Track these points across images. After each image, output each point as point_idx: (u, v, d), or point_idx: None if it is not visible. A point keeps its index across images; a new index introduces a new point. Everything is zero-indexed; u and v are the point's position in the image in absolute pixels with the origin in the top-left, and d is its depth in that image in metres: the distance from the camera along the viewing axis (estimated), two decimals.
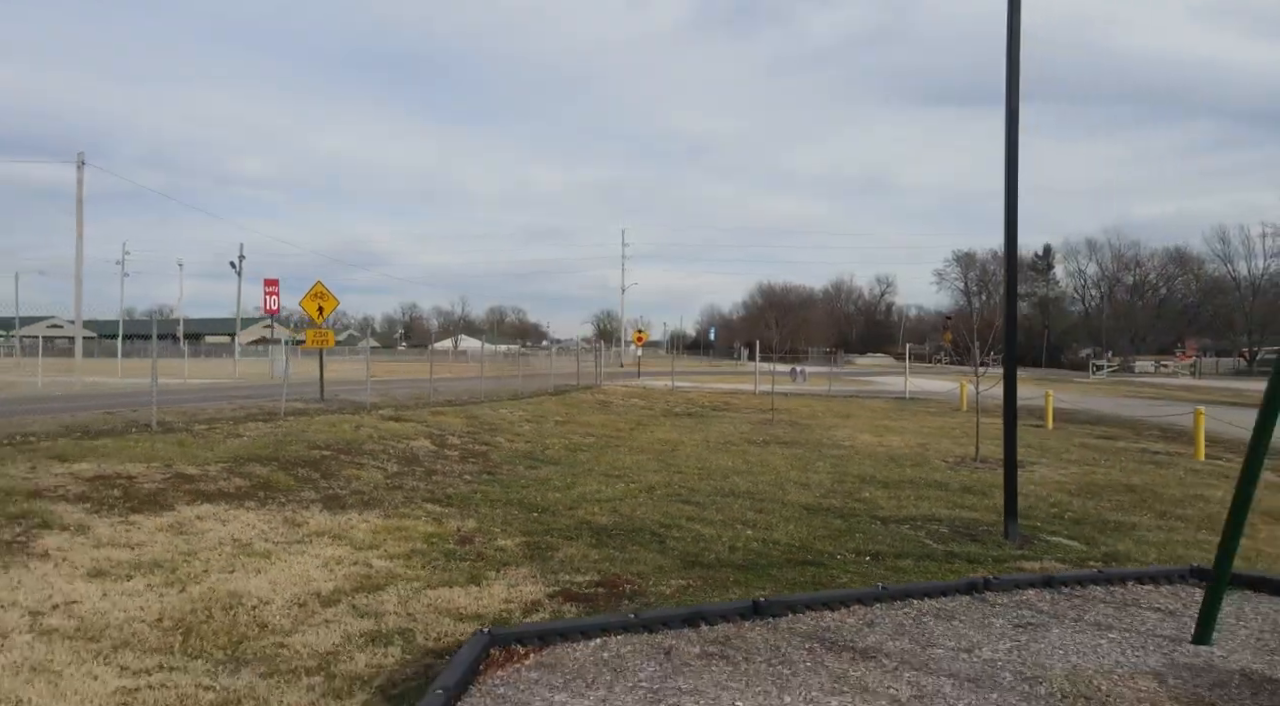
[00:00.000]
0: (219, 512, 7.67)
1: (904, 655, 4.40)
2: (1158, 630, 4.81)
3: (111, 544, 6.45)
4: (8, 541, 6.14)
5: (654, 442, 15.28)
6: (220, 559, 6.38)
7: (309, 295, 17.00)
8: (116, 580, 5.73)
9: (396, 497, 9.12)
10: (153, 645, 4.74)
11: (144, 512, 7.31)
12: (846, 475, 11.60)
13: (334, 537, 7.29)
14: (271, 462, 9.78)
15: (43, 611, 5.07)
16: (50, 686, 4.13)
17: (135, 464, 8.81)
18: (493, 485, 10.23)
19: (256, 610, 5.37)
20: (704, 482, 10.67)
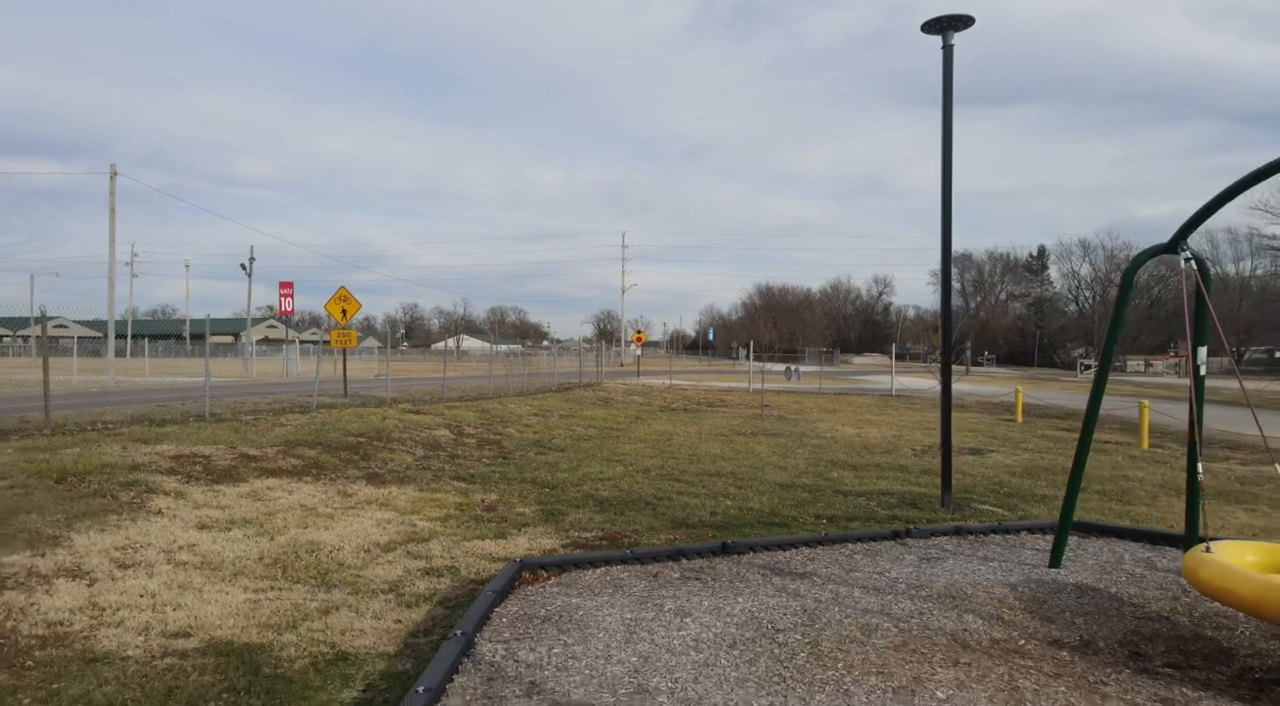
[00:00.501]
0: (283, 485, 9.14)
1: (832, 576, 5.87)
2: (1028, 561, 6.29)
3: (206, 505, 7.92)
4: (127, 502, 7.62)
5: (651, 434, 16.74)
6: (294, 518, 7.86)
7: (333, 299, 18.45)
8: (219, 531, 7.20)
9: (426, 475, 10.60)
10: (260, 574, 6.20)
11: (224, 483, 8.79)
12: (821, 460, 13.08)
13: (380, 505, 8.76)
14: (317, 446, 11.27)
15: (172, 550, 6.54)
16: (196, 596, 5.59)
17: (205, 446, 10.29)
18: (508, 467, 11.71)
19: (332, 553, 6.84)
20: (693, 466, 12.14)
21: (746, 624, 4.86)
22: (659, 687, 3.95)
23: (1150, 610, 5.21)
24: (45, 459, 8.83)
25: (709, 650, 4.44)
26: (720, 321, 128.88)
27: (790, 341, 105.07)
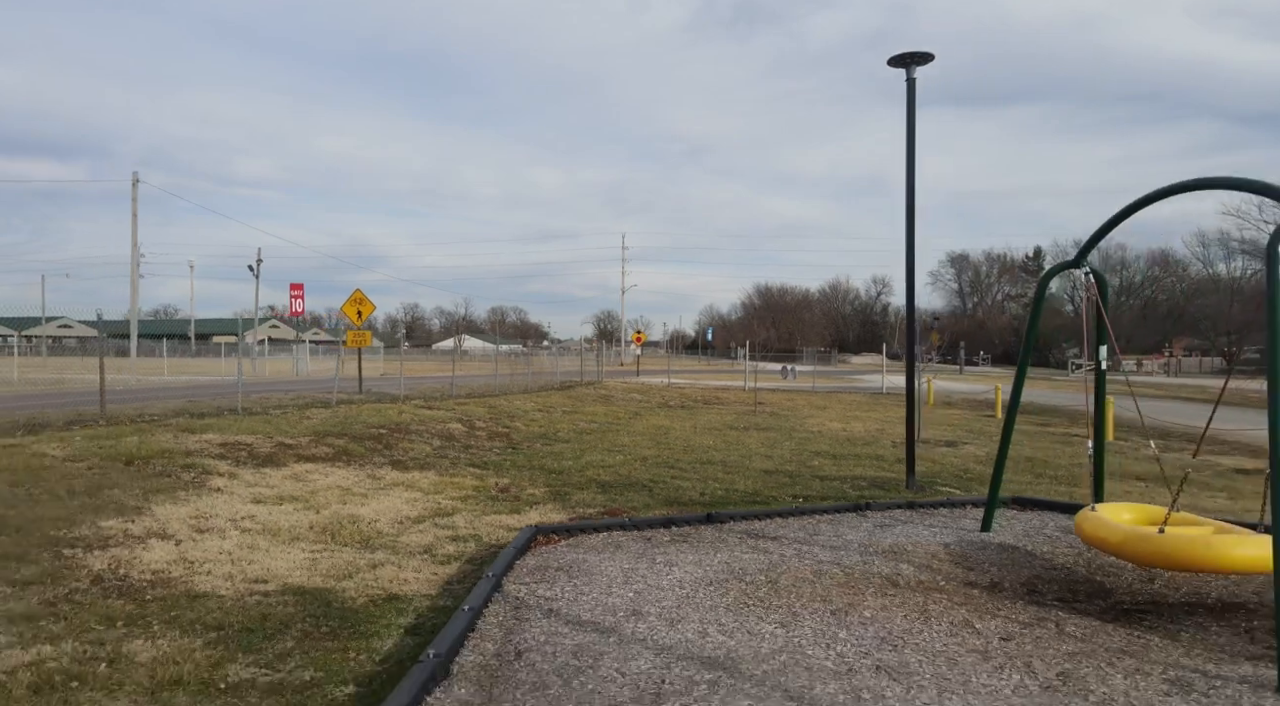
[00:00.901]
0: (319, 469, 10.26)
1: (797, 539, 6.99)
2: (965, 528, 7.40)
3: (256, 485, 9.04)
4: (189, 481, 8.74)
5: (649, 428, 17.85)
6: (334, 496, 8.97)
7: (349, 301, 19.58)
8: (271, 505, 8.31)
9: (444, 462, 11.71)
10: (313, 539, 7.31)
11: (268, 467, 9.90)
12: (805, 451, 14.18)
13: (406, 486, 9.87)
14: (343, 436, 12.38)
15: (236, 519, 7.65)
16: (265, 554, 6.69)
17: (246, 435, 11.41)
18: (517, 456, 12.82)
19: (371, 524, 7.94)
20: (687, 455, 13.25)
21: (721, 570, 5.97)
22: (649, 612, 5.06)
23: (1056, 563, 6.31)
24: (111, 445, 9.95)
25: (690, 588, 5.55)
26: (720, 321, 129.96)
27: (789, 341, 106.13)
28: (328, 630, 5.02)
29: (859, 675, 4.05)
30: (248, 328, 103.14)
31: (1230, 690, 3.91)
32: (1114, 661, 4.30)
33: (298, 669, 4.38)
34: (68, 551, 6.23)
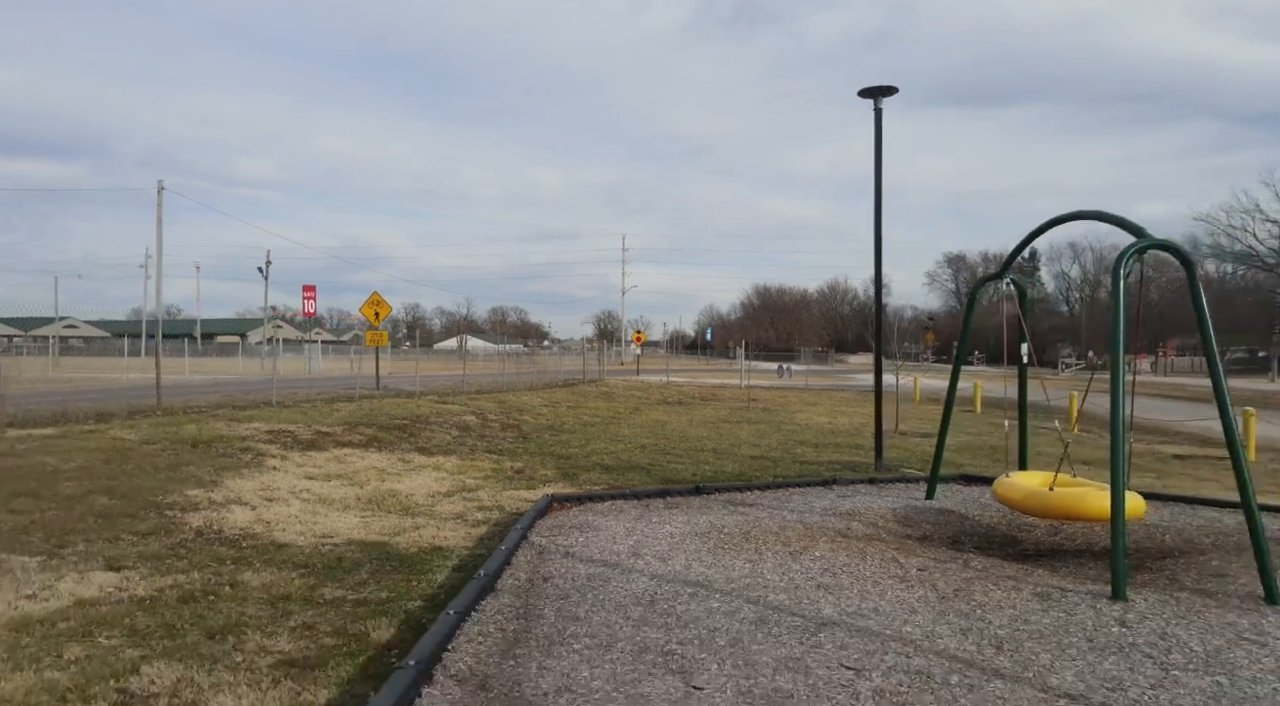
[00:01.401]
0: (355, 453, 11.60)
1: (770, 505, 8.33)
2: (914, 497, 8.74)
3: (305, 465, 10.38)
4: (249, 461, 10.09)
5: (648, 421, 19.19)
6: (373, 475, 10.30)
7: (367, 303, 20.92)
8: (322, 481, 9.65)
9: (464, 449, 13.05)
10: (361, 507, 8.64)
11: (311, 451, 11.25)
12: (790, 440, 15.52)
13: (433, 468, 11.21)
14: (372, 426, 13.72)
15: (296, 491, 8.98)
16: (325, 518, 8.02)
17: (287, 424, 12.75)
18: (528, 444, 14.15)
19: (408, 497, 9.27)
20: (682, 445, 14.58)
21: (705, 526, 7.31)
22: (645, 553, 6.40)
23: (982, 523, 7.65)
24: (175, 431, 11.29)
25: (679, 538, 6.89)
26: (720, 321, 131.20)
27: (788, 341, 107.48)
28: (391, 568, 6.35)
29: (802, 589, 5.39)
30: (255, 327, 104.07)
31: (1075, 597, 5.25)
32: (1000, 583, 5.63)
33: (375, 591, 5.71)
34: (168, 512, 7.57)
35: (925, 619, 4.84)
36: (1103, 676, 3.99)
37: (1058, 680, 3.93)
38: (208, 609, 5.19)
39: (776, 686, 3.84)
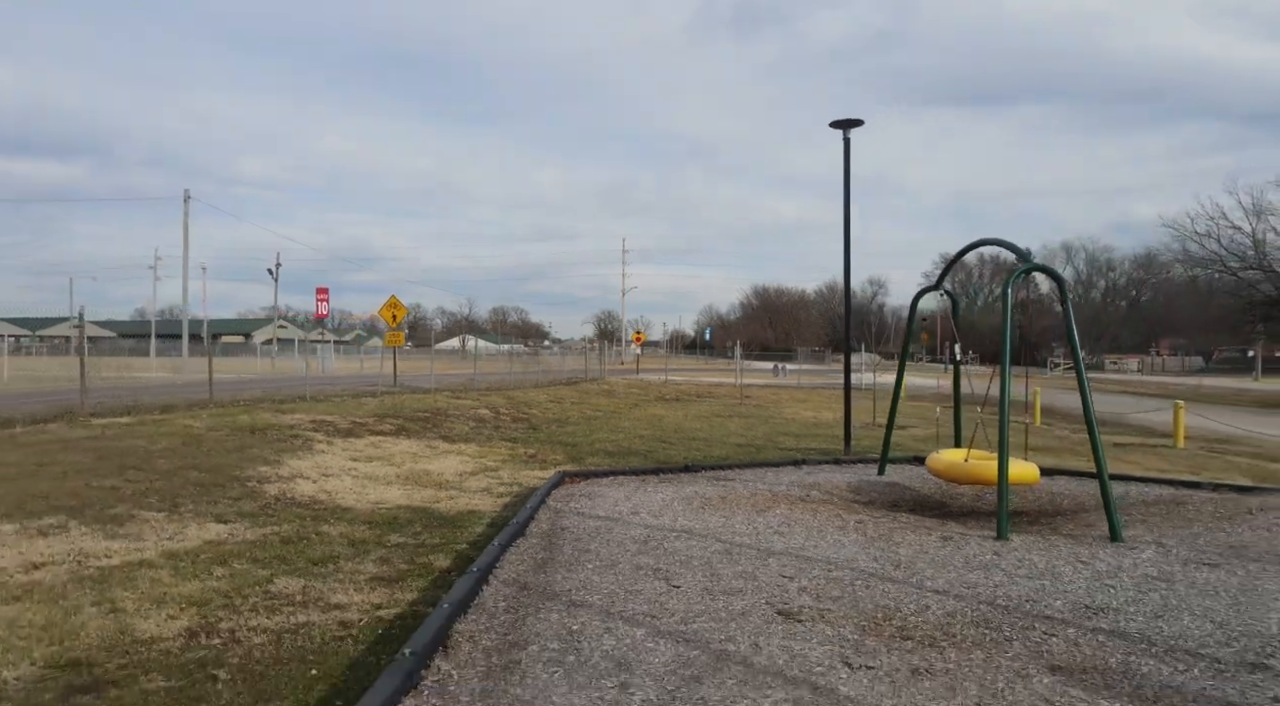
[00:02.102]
0: (388, 440, 13.20)
1: (746, 479, 9.93)
2: (868, 473, 10.35)
3: (347, 450, 11.98)
4: (300, 445, 11.69)
5: (646, 416, 20.79)
6: (406, 458, 11.90)
7: (385, 306, 22.52)
8: (364, 462, 11.24)
9: (481, 437, 14.64)
10: (402, 482, 10.23)
11: (351, 438, 12.85)
12: (776, 432, 17.12)
13: (457, 453, 12.80)
14: (398, 418, 15.33)
15: (345, 469, 10.58)
16: (374, 490, 9.62)
17: (325, 416, 14.35)
18: (538, 434, 15.75)
19: (439, 475, 10.86)
20: (677, 435, 16.18)
21: (691, 494, 8.91)
22: (641, 511, 7.99)
23: (921, 493, 9.25)
24: (232, 420, 12.90)
25: (668, 501, 8.49)
26: (719, 321, 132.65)
27: (786, 341, 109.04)
28: (437, 524, 7.94)
29: (761, 534, 7.00)
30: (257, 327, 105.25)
31: (970, 539, 6.86)
32: (917, 530, 7.24)
33: (428, 539, 7.31)
34: (248, 483, 9.17)
35: (850, 551, 6.44)
36: (964, 582, 5.59)
37: (931, 583, 5.54)
38: (305, 547, 6.79)
39: (732, 586, 5.44)
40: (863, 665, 4.08)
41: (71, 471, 8.80)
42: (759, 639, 4.44)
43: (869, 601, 5.13)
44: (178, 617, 4.99)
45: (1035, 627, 4.66)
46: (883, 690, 3.78)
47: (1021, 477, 7.77)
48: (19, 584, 5.49)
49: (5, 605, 5.08)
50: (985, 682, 3.88)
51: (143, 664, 4.28)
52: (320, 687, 4.03)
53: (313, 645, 4.60)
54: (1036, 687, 3.83)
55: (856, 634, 4.53)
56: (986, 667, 4.06)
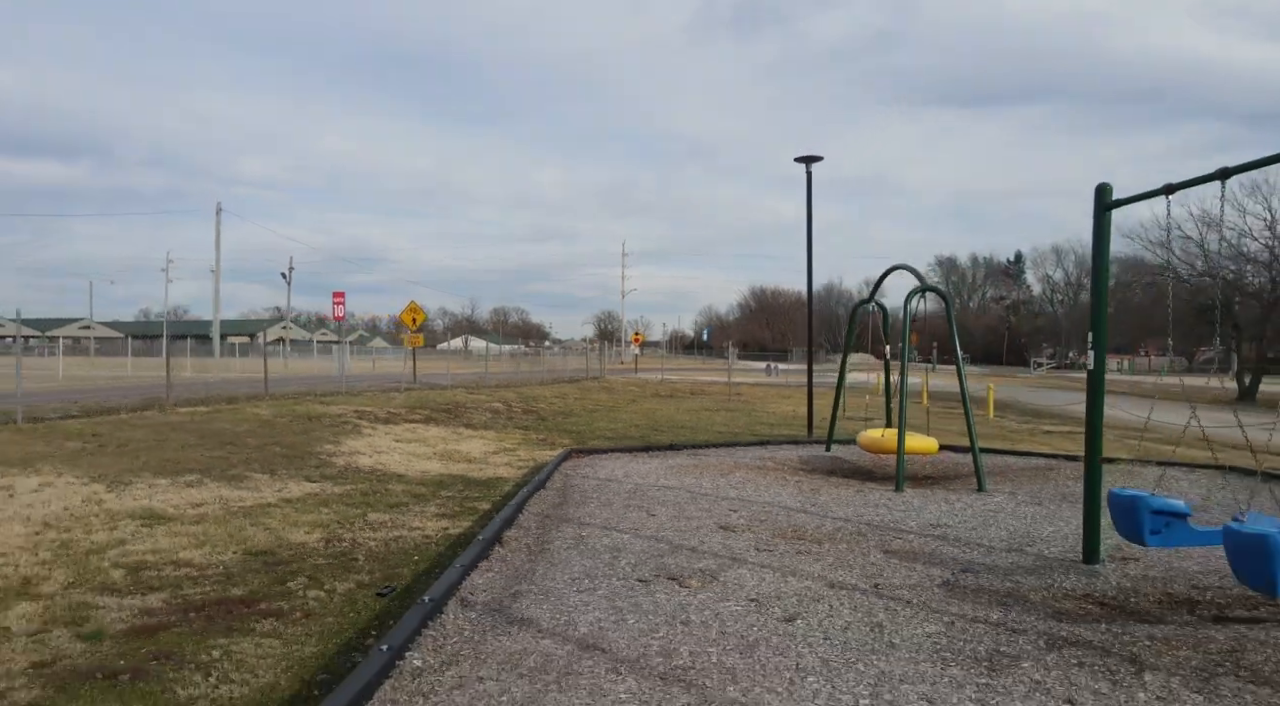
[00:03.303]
0: (421, 427, 15.56)
1: (720, 454, 12.29)
2: (817, 451, 12.71)
3: (389, 434, 14.34)
4: (351, 430, 14.05)
5: (642, 409, 23.14)
6: (438, 441, 14.25)
7: (406, 310, 24.90)
8: (405, 443, 13.59)
9: (498, 425, 17.00)
10: (438, 459, 12.58)
11: (390, 424, 15.22)
12: (755, 422, 19.48)
13: (479, 437, 15.15)
14: (425, 409, 17.69)
15: (391, 448, 12.94)
16: (419, 464, 11.97)
17: (364, 407, 16.72)
18: (546, 423, 18.11)
19: (467, 454, 13.21)
20: (668, 425, 18.53)
21: (672, 464, 11.26)
22: (632, 475, 10.34)
23: (857, 465, 11.60)
24: (291, 409, 15.27)
25: (654, 468, 10.84)
26: (718, 322, 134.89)
27: (783, 341, 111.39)
28: (474, 485, 10.29)
29: (720, 487, 9.36)
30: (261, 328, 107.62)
31: (877, 491, 9.22)
32: (839, 486, 9.59)
33: (470, 494, 9.65)
34: (320, 456, 11.53)
35: (783, 497, 8.80)
36: (857, 514, 7.94)
37: (833, 515, 7.89)
38: (379, 498, 9.13)
39: (692, 515, 7.79)
40: (767, 550, 6.44)
41: (185, 445, 11.15)
42: (704, 539, 6.80)
43: (785, 522, 7.49)
44: (312, 533, 7.33)
45: (889, 535, 7.02)
46: (775, 559, 6.14)
47: (922, 449, 10.13)
48: (194, 514, 7.84)
49: (195, 524, 7.43)
50: (838, 556, 6.24)
51: (303, 554, 6.61)
52: (423, 564, 6.37)
53: (409, 546, 6.94)
54: (870, 558, 6.19)
55: (769, 537, 6.89)
56: (844, 551, 6.42)
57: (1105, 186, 6.29)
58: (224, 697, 3.86)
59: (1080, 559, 6.14)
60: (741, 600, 5.13)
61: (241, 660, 4.30)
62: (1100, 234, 6.28)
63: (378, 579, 5.92)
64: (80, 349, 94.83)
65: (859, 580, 5.61)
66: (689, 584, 5.46)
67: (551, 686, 3.80)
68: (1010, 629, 4.61)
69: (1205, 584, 5.51)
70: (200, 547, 6.62)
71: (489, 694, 3.71)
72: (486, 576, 5.68)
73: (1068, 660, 4.13)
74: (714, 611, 4.89)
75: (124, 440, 11.09)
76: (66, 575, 5.74)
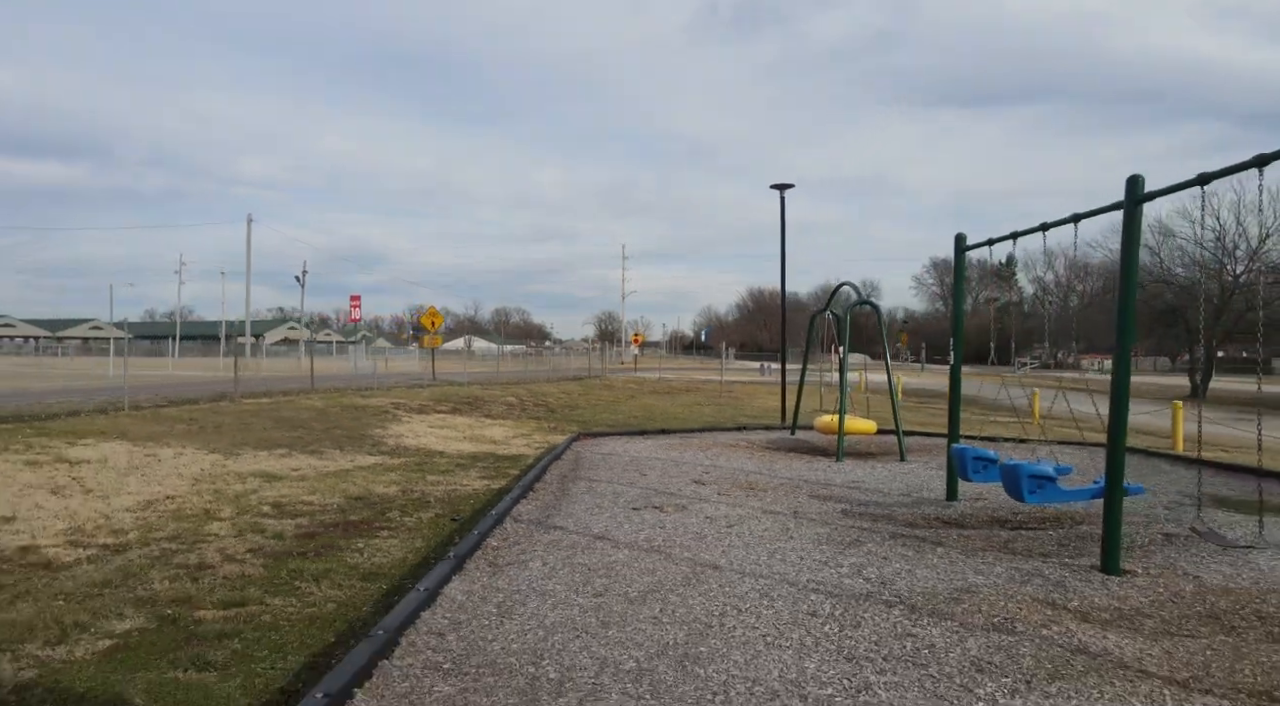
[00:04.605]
0: (448, 416, 18.06)
1: (703, 436, 14.80)
2: (785, 435, 15.21)
3: (424, 421, 16.83)
4: (392, 417, 16.57)
5: (640, 404, 25.63)
6: (466, 427, 16.74)
7: (426, 315, 27.40)
8: (439, 429, 16.09)
9: (513, 416, 19.50)
10: (468, 441, 15.07)
11: (422, 414, 17.72)
12: (740, 414, 21.97)
13: (499, 425, 17.64)
14: (449, 402, 20.20)
15: (428, 431, 15.43)
16: (452, 444, 14.46)
17: (398, 399, 19.22)
18: (555, 415, 20.61)
19: (492, 437, 15.70)
20: (662, 416, 21.02)
21: (663, 442, 13.76)
22: (630, 451, 12.84)
23: (815, 445, 14.08)
24: (339, 401, 17.76)
25: (648, 446, 13.34)
26: (717, 322, 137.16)
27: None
28: (501, 460, 12.78)
29: (698, 458, 11.86)
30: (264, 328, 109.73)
31: (823, 462, 11.72)
32: (792, 458, 12.08)
33: (501, 464, 12.13)
34: (373, 438, 14.02)
35: (746, 465, 11.29)
36: (800, 475, 10.43)
37: (781, 475, 10.39)
38: (430, 467, 11.62)
39: (675, 475, 10.28)
40: (725, 495, 8.94)
41: (265, 428, 13.65)
42: (681, 488, 9.31)
43: (742, 479, 9.99)
44: (390, 487, 9.82)
45: (818, 486, 9.52)
46: (729, 499, 8.64)
47: (861, 429, 12.62)
48: (296, 475, 10.33)
49: (301, 481, 9.91)
50: (775, 497, 8.74)
51: (389, 499, 9.09)
52: (477, 504, 8.84)
53: (465, 494, 9.42)
54: (797, 499, 8.69)
55: (728, 487, 9.39)
56: (780, 495, 8.92)
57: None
58: (377, 562, 6.35)
59: (944, 498, 8.64)
60: (700, 518, 7.63)
61: (378, 548, 6.79)
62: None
63: (448, 512, 8.41)
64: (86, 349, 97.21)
65: (784, 509, 8.11)
66: (666, 510, 7.97)
67: (577, 553, 6.30)
68: (872, 531, 7.11)
69: (1021, 511, 8.00)
70: (313, 495, 9.12)
71: (540, 555, 6.21)
72: (527, 506, 8.19)
73: (897, 542, 6.64)
74: (680, 523, 7.39)
75: (217, 423, 13.60)
76: (232, 509, 8.23)
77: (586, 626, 4.61)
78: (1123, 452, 5.87)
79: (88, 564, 6.12)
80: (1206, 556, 6.22)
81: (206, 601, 5.26)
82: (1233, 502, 8.70)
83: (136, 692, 3.91)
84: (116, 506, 8.05)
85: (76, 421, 12.83)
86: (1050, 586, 5.39)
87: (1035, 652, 4.16)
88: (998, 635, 4.41)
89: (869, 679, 3.83)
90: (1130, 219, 5.90)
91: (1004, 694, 3.66)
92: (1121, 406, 5.80)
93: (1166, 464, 11.91)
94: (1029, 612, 4.78)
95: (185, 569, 6.01)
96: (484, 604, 5.03)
